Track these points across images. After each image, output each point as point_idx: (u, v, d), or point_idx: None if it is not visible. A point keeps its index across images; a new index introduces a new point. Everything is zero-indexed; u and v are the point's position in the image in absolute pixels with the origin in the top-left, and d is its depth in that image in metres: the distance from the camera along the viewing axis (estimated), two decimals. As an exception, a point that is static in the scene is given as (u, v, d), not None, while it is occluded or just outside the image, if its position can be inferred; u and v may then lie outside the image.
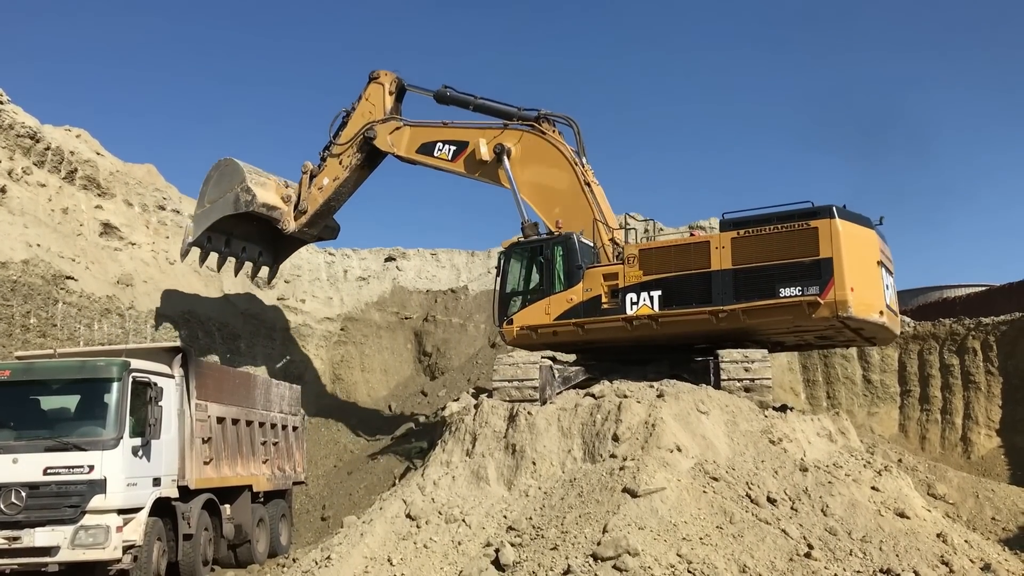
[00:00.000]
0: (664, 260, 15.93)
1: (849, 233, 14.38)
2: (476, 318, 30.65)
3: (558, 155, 18.66)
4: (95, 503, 11.61)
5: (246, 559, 15.59)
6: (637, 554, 10.13)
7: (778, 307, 14.59)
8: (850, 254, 14.26)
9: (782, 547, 10.67)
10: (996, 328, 24.22)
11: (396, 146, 21.68)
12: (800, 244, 14.51)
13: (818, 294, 14.17)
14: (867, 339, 16.53)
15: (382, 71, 22.36)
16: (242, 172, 23.24)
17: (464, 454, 13.77)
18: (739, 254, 15.06)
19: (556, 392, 15.87)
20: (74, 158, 25.35)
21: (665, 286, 15.70)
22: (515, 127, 19.48)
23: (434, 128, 21.12)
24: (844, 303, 14.03)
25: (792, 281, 14.47)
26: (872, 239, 14.84)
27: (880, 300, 14.68)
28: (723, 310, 14.95)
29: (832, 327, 14.93)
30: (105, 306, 23.29)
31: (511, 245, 18.07)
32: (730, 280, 15.05)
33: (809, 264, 14.36)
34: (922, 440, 24.43)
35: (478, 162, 19.69)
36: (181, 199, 29.23)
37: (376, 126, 21.94)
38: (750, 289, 14.88)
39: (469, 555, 11.48)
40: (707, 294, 15.21)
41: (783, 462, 13.07)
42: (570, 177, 18.25)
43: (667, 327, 15.61)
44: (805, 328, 15.16)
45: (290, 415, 18.39)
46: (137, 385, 12.41)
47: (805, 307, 14.26)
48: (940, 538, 12.20)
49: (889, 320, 15.03)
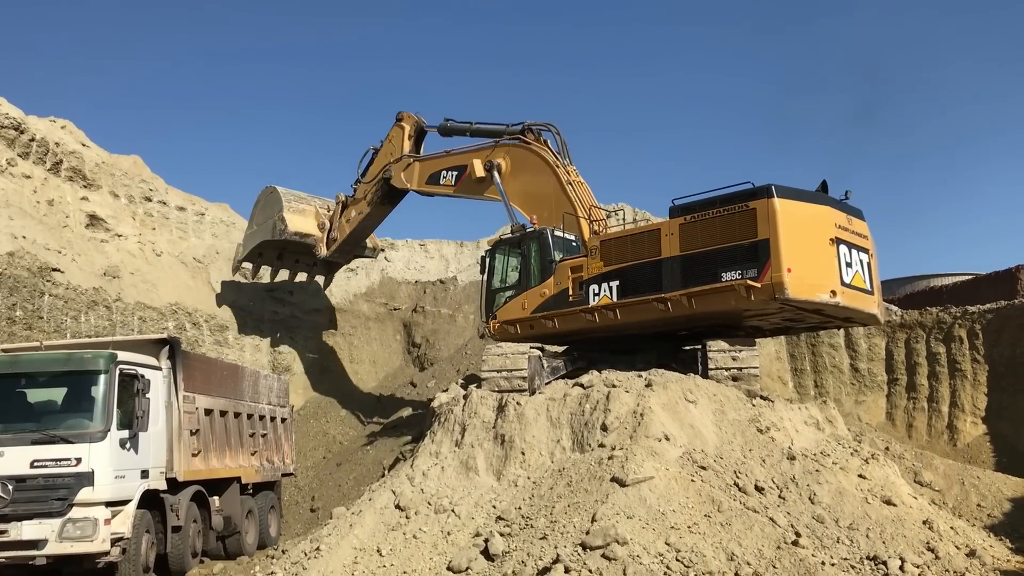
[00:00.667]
0: (621, 250, 15.97)
1: (789, 212, 13.97)
2: (465, 309, 30.63)
3: (541, 162, 19.08)
4: (83, 496, 11.55)
5: (235, 551, 15.56)
6: (626, 543, 10.16)
7: (719, 291, 14.33)
8: (790, 233, 13.85)
9: (770, 535, 10.72)
10: (982, 316, 24.34)
11: (409, 181, 22.74)
12: (740, 227, 14.26)
13: (756, 277, 13.85)
14: (844, 320, 16.17)
15: (406, 113, 23.42)
16: (280, 202, 25.61)
17: (453, 445, 13.78)
18: (686, 240, 14.93)
19: (545, 382, 15.96)
20: (59, 149, 25.18)
21: (622, 276, 15.76)
22: (504, 143, 20.08)
23: (438, 158, 22.09)
24: (780, 285, 13.63)
25: (733, 265, 14.21)
26: (823, 216, 14.39)
27: (831, 279, 14.17)
28: (666, 297, 14.89)
29: (784, 310, 14.57)
30: (92, 298, 23.17)
31: (495, 243, 18.85)
32: (678, 267, 14.95)
33: (748, 247, 14.09)
34: (909, 428, 24.55)
35: (476, 182, 20.41)
36: (167, 190, 29.09)
37: (391, 167, 23.21)
38: (696, 275, 14.69)
39: (458, 545, 11.51)
40: (658, 282, 15.15)
41: (771, 451, 13.14)
42: (554, 180, 18.56)
43: (625, 316, 15.62)
44: (758, 312, 14.81)
45: (278, 407, 18.35)
46: (124, 377, 12.34)
47: (744, 291, 13.94)
48: (926, 525, 12.30)
49: (849, 299, 14.46)
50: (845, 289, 14.32)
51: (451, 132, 22.08)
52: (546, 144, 19.42)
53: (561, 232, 17.55)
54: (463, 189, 21.03)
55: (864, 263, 14.89)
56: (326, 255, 25.99)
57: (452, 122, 22.02)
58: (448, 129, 22.15)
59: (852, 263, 14.58)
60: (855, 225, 14.92)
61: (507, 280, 18.29)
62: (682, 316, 15.02)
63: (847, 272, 14.43)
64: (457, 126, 21.87)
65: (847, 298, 14.37)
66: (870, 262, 15.07)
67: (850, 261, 14.55)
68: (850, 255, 14.58)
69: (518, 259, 18.09)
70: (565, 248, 17.36)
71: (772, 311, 14.64)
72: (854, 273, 14.60)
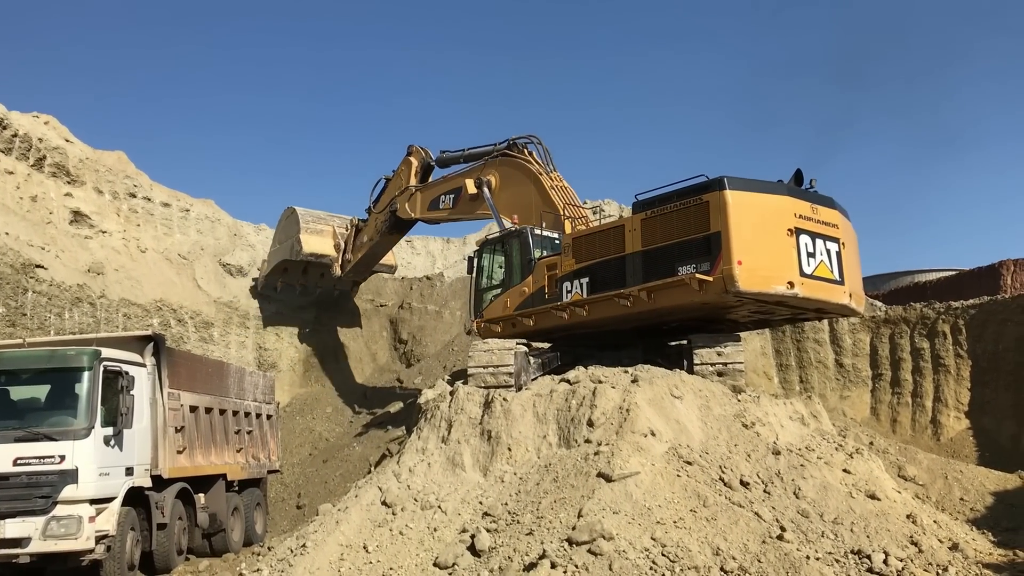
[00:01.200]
0: (590, 247, 16.07)
1: (742, 203, 13.88)
2: (452, 305, 30.62)
3: (526, 172, 19.69)
4: (67, 493, 11.49)
5: (221, 548, 15.53)
6: (612, 538, 10.19)
7: (673, 286, 14.34)
8: (742, 225, 13.77)
9: (755, 530, 10.77)
10: (965, 312, 24.49)
11: (412, 211, 23.69)
12: (695, 220, 14.22)
13: (708, 271, 13.82)
14: (816, 312, 16.06)
15: (415, 148, 24.38)
16: (298, 223, 27.23)
17: (440, 441, 13.77)
18: (647, 235, 14.96)
19: (531, 378, 16.02)
20: (43, 145, 25.02)
21: (591, 272, 15.85)
22: (491, 160, 20.85)
23: (436, 185, 23.11)
24: (731, 278, 13.57)
25: (689, 259, 14.19)
26: (781, 206, 14.23)
27: (788, 270, 14.02)
28: (626, 293, 14.91)
29: (744, 303, 14.49)
30: (76, 295, 23.04)
31: (481, 243, 19.33)
32: (640, 262, 14.97)
33: (702, 240, 14.06)
34: (893, 423, 24.68)
35: (469, 201, 21.23)
36: (152, 186, 28.95)
37: (396, 199, 24.19)
38: (656, 270, 14.69)
39: (445, 541, 11.50)
40: (622, 278, 15.19)
41: (756, 446, 13.18)
42: (539, 187, 19.09)
43: (592, 313, 15.72)
44: (720, 306, 14.71)
45: (264, 403, 18.31)
46: (108, 374, 12.28)
47: (696, 284, 13.91)
48: (910, 519, 12.38)
49: (811, 290, 14.27)
50: (806, 280, 14.14)
51: (448, 163, 23.07)
52: (531, 155, 20.06)
53: (541, 231, 17.79)
54: (460, 210, 21.83)
55: (832, 252, 14.68)
56: (340, 276, 27.32)
57: (447, 152, 23.09)
58: (445, 160, 23.21)
59: (816, 253, 14.38)
60: (821, 214, 14.69)
61: (493, 279, 18.58)
62: (645, 312, 15.04)
63: (809, 262, 14.24)
64: (452, 155, 22.86)
65: (808, 289, 14.19)
66: (840, 251, 14.84)
67: (813, 251, 14.34)
68: (813, 245, 14.38)
69: (502, 258, 18.35)
70: (549, 247, 17.49)
71: (732, 304, 14.59)
72: (818, 263, 14.39)
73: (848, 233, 15.32)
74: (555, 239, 17.61)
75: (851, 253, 15.26)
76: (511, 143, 20.50)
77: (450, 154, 22.92)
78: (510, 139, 20.56)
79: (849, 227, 15.49)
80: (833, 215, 14.92)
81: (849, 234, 15.37)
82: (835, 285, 14.75)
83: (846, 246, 15.03)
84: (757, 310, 15.33)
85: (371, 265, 27.56)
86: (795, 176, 14.78)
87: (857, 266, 15.79)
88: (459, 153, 22.55)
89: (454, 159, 22.76)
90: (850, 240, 15.35)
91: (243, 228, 31.60)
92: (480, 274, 18.81)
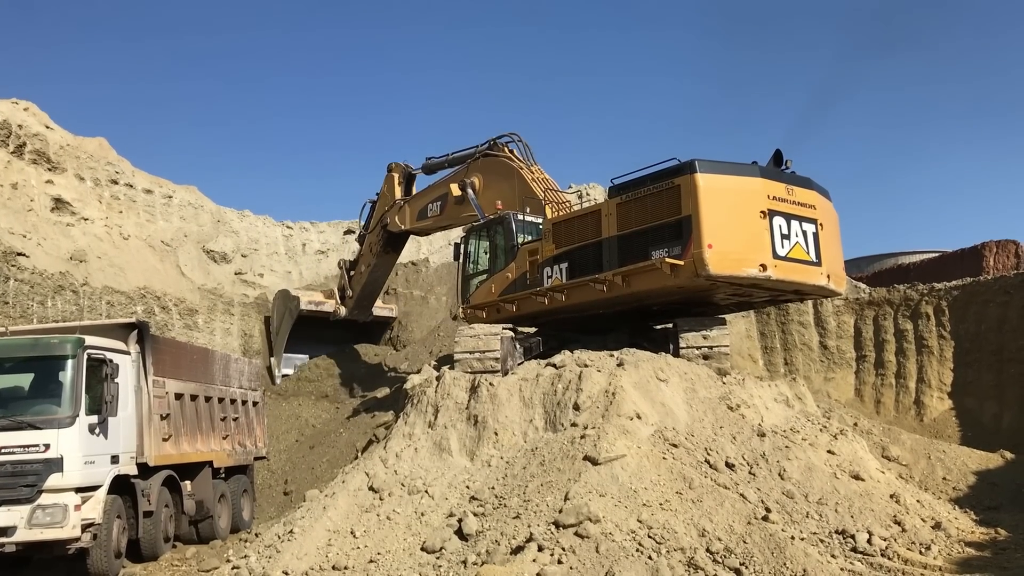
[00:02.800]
0: (569, 232, 16.09)
1: (713, 186, 13.83)
2: (437, 290, 30.55)
3: (507, 168, 19.76)
4: (52, 482, 11.44)
5: (208, 535, 15.51)
6: (598, 521, 10.23)
7: (646, 271, 14.35)
8: (713, 208, 13.72)
9: (740, 511, 10.84)
10: (948, 293, 24.66)
11: (403, 223, 23.59)
12: (667, 204, 14.20)
13: (679, 255, 13.79)
14: (794, 293, 16.03)
15: (394, 163, 24.54)
16: (287, 291, 27.30)
17: (426, 426, 13.78)
18: (623, 220, 14.95)
19: (517, 363, 16.07)
20: (22, 132, 24.75)
21: (570, 257, 15.88)
22: (473, 161, 20.88)
23: (422, 195, 23.14)
24: (702, 261, 13.55)
25: (661, 243, 14.17)
26: (753, 188, 14.14)
27: (760, 253, 13.93)
28: (602, 278, 14.94)
29: (717, 287, 14.47)
30: (58, 283, 22.87)
31: (468, 229, 19.34)
32: (616, 247, 14.97)
33: (673, 224, 14.04)
34: (877, 404, 24.88)
35: (455, 204, 21.21)
36: (134, 173, 28.70)
37: (386, 214, 24.16)
38: (631, 255, 14.68)
39: (432, 525, 11.53)
40: (599, 262, 15.19)
41: (741, 428, 13.26)
42: (520, 182, 19.15)
43: (571, 298, 15.77)
44: (694, 290, 14.68)
45: (250, 390, 18.27)
46: (92, 362, 12.21)
47: (668, 269, 13.91)
48: (893, 499, 12.51)
49: (784, 272, 14.19)
50: (779, 262, 14.08)
51: (433, 169, 23.06)
52: (512, 152, 20.15)
53: (524, 217, 17.87)
54: (448, 216, 21.90)
55: (809, 234, 14.58)
56: (344, 315, 26.39)
57: (432, 159, 23.03)
58: (430, 167, 23.18)
59: (791, 235, 14.30)
60: (797, 195, 14.57)
61: (479, 265, 18.65)
62: (622, 296, 15.06)
63: (783, 244, 14.17)
64: (437, 161, 22.82)
65: (781, 271, 14.14)
66: (817, 232, 14.72)
67: (787, 233, 14.26)
68: (788, 226, 14.28)
69: (487, 244, 18.41)
70: (533, 232, 17.53)
71: (706, 288, 14.56)
72: (793, 245, 14.30)
73: (827, 214, 15.23)
74: (539, 224, 17.62)
75: (830, 234, 15.19)
76: (492, 143, 20.60)
77: (435, 160, 22.93)
78: (491, 139, 20.69)
79: (829, 208, 15.42)
80: (810, 196, 14.80)
81: (828, 215, 15.29)
82: (811, 267, 14.65)
83: (824, 227, 14.94)
84: (735, 293, 15.33)
85: (374, 295, 26.86)
86: (774, 157, 14.74)
87: (837, 247, 15.73)
88: (444, 158, 22.56)
89: (439, 164, 22.77)
90: (829, 221, 15.27)
91: (227, 214, 31.39)
92: (466, 260, 18.87)
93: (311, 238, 32.85)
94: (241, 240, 30.67)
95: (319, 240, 32.89)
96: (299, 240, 32.57)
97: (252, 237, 31.10)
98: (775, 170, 14.64)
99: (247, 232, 30.99)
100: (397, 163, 24.57)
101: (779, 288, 15.05)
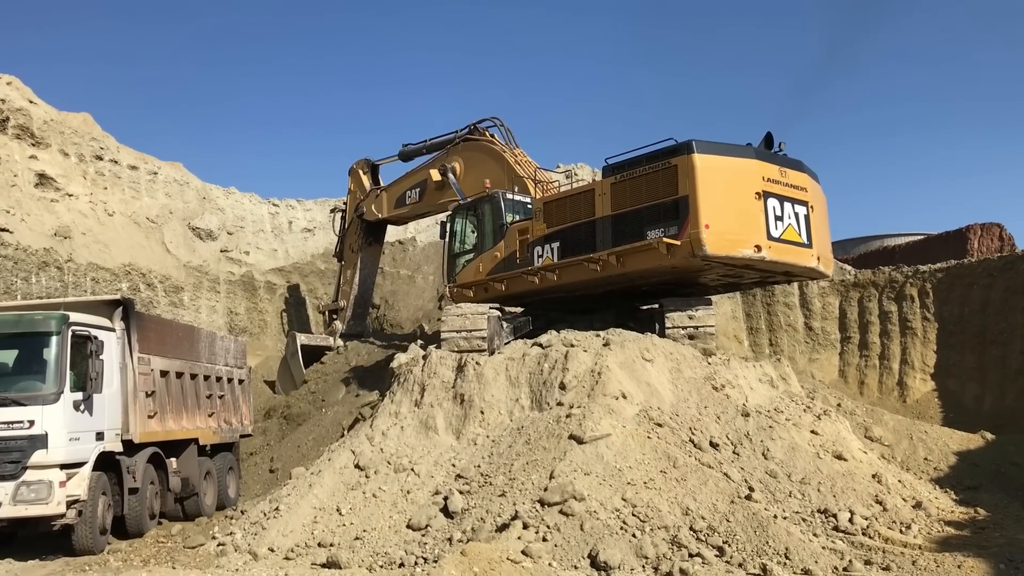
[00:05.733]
0: (561, 211, 16.08)
1: (710, 167, 13.85)
2: (424, 270, 30.53)
3: (489, 152, 19.89)
4: (36, 458, 11.39)
5: (194, 512, 15.51)
6: (583, 499, 10.30)
7: (642, 250, 14.36)
8: (710, 189, 13.74)
9: (724, 490, 10.93)
10: (933, 275, 24.80)
11: (379, 211, 23.69)
12: (664, 184, 14.21)
13: (676, 235, 13.82)
14: (784, 275, 16.17)
15: (355, 162, 24.91)
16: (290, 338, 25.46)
17: (413, 404, 13.81)
18: (617, 199, 14.96)
19: (504, 342, 16.06)
20: (5, 107, 24.52)
21: (562, 237, 15.88)
22: (454, 146, 20.97)
23: (400, 181, 23.16)
24: (699, 242, 13.59)
25: (657, 223, 14.19)
26: (749, 169, 14.18)
27: (755, 234, 13.99)
28: (596, 257, 14.96)
29: (711, 267, 14.49)
30: (43, 259, 22.74)
31: (454, 208, 19.26)
32: (610, 226, 14.98)
33: (670, 204, 14.06)
34: (860, 385, 25.04)
35: (436, 190, 21.30)
36: (119, 149, 28.49)
37: (362, 204, 24.16)
38: (625, 234, 14.69)
39: (418, 503, 11.58)
40: (592, 242, 15.20)
41: (725, 408, 13.34)
42: (503, 165, 19.30)
43: (563, 277, 15.78)
44: (689, 270, 14.70)
45: (236, 368, 18.21)
46: (77, 339, 12.13)
47: (665, 249, 13.93)
48: (875, 479, 12.63)
49: (778, 253, 14.27)
50: (773, 243, 14.15)
51: (410, 155, 23.03)
52: (493, 137, 20.21)
53: (513, 196, 17.83)
54: (427, 202, 21.91)
55: (801, 216, 14.66)
56: (344, 329, 25.13)
57: (409, 145, 22.98)
58: (407, 153, 23.13)
59: (784, 216, 14.37)
60: (790, 177, 14.63)
61: (466, 244, 18.57)
62: (615, 276, 15.08)
63: (776, 226, 14.23)
64: (414, 147, 22.79)
65: (775, 252, 14.22)
66: (808, 215, 14.79)
67: (781, 215, 14.33)
68: (781, 208, 14.36)
69: (475, 223, 18.33)
70: (521, 211, 17.50)
71: (700, 268, 14.58)
72: (786, 226, 14.38)
73: (817, 196, 15.31)
74: (527, 203, 17.59)
75: (820, 216, 15.28)
76: (472, 127, 20.56)
77: (412, 146, 22.83)
78: (471, 124, 20.64)
79: (818, 190, 15.49)
80: (802, 178, 14.88)
81: (818, 197, 15.37)
82: (803, 248, 14.76)
83: (815, 209, 15.02)
84: (726, 274, 15.36)
85: (367, 302, 25.81)
86: (765, 139, 14.76)
87: (826, 229, 15.83)
88: (421, 144, 22.48)
89: (416, 151, 22.66)
90: (819, 203, 15.36)
91: (212, 191, 31.21)
92: (453, 239, 18.78)
93: (297, 216, 32.73)
94: (227, 217, 30.55)
95: (305, 218, 32.76)
96: (285, 218, 32.45)
97: (238, 214, 30.97)
98: (769, 152, 14.65)
99: (233, 209, 30.86)
100: (356, 161, 24.88)
101: (771, 269, 15.13)
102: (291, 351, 24.50)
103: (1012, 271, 23.40)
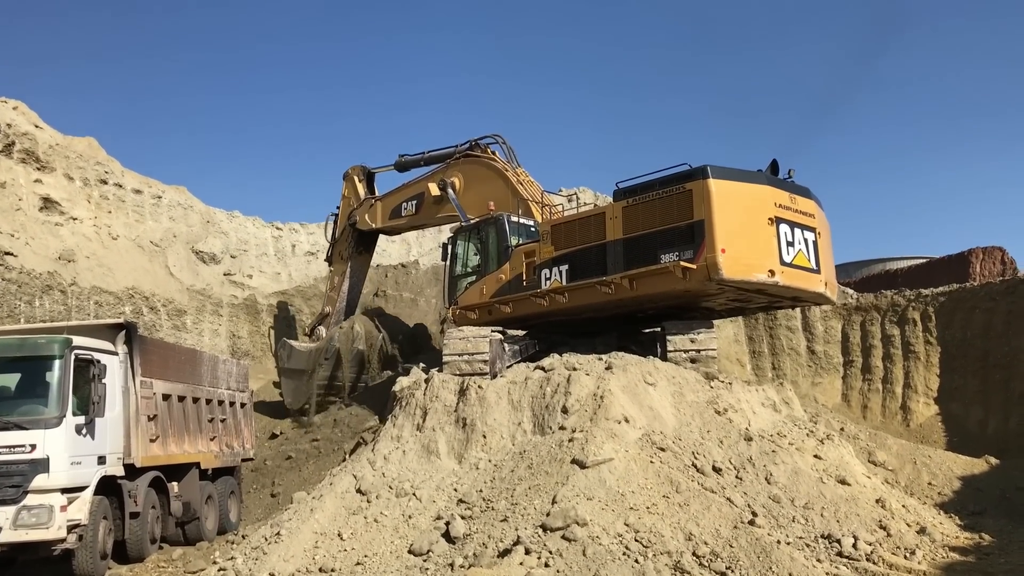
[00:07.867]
0: (570, 234, 16.11)
1: (725, 192, 13.98)
2: (427, 292, 30.58)
3: (491, 170, 19.83)
4: (38, 482, 11.37)
5: (195, 536, 15.46)
6: (585, 524, 10.24)
7: (657, 274, 14.42)
8: (725, 214, 13.86)
9: (727, 515, 10.87)
10: (935, 299, 24.81)
11: (373, 221, 23.43)
12: (678, 208, 14.29)
13: (692, 259, 13.90)
14: (792, 300, 16.23)
15: (350, 167, 24.48)
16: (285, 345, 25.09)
17: (415, 428, 13.77)
18: (629, 223, 15.01)
19: (506, 365, 16.04)
20: (11, 131, 24.67)
21: (571, 260, 15.90)
22: (454, 161, 20.84)
23: (396, 192, 22.90)
24: (715, 266, 13.68)
25: (672, 247, 14.27)
26: (762, 195, 14.36)
27: (769, 259, 14.16)
28: (609, 280, 14.98)
29: (725, 291, 14.54)
30: (46, 282, 22.79)
31: (456, 229, 19.30)
32: (621, 250, 15.03)
33: (685, 228, 14.13)
34: (864, 409, 24.99)
35: (433, 204, 21.12)
36: (123, 173, 28.63)
37: (355, 212, 23.84)
38: (638, 258, 14.75)
39: (420, 528, 11.52)
40: (603, 265, 15.25)
41: (728, 432, 13.29)
42: (504, 184, 19.25)
43: (573, 300, 15.77)
44: (702, 294, 14.76)
45: (238, 391, 18.21)
46: (80, 362, 12.15)
47: (680, 272, 14.00)
48: (879, 503, 12.56)
49: (790, 278, 14.43)
50: (785, 268, 14.31)
51: (407, 166, 22.86)
52: (495, 154, 20.13)
53: (517, 219, 17.82)
54: (423, 215, 21.77)
55: (810, 242, 14.86)
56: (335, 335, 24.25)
57: (406, 156, 22.81)
58: (403, 164, 22.96)
59: (795, 242, 14.55)
60: (799, 204, 14.85)
61: (468, 266, 18.57)
62: (627, 299, 15.11)
63: (788, 251, 14.41)
64: (411, 158, 22.63)
65: (787, 277, 14.37)
66: (816, 240, 15.00)
67: (792, 240, 14.50)
68: (792, 234, 14.53)
69: (478, 245, 18.26)
70: (525, 234, 17.54)
71: (713, 292, 14.66)
72: (796, 252, 14.57)
73: (823, 223, 15.50)
74: (531, 227, 17.64)
75: (826, 242, 15.46)
76: (473, 143, 20.51)
77: (410, 157, 22.72)
78: (472, 140, 20.57)
79: (823, 217, 15.68)
80: (809, 205, 15.09)
81: (824, 224, 15.56)
82: (812, 274, 14.93)
83: (821, 235, 15.22)
84: (735, 298, 15.44)
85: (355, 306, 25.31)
86: (771, 166, 14.89)
87: (831, 255, 15.99)
88: (419, 156, 22.37)
89: (414, 162, 22.54)
90: (824, 230, 15.54)
91: (216, 215, 31.34)
92: (454, 261, 18.80)
93: (300, 239, 32.83)
94: (230, 241, 30.64)
95: (308, 241, 32.85)
96: (288, 241, 32.55)
97: (241, 238, 31.07)
98: (779, 178, 14.83)
99: (236, 233, 30.96)
100: (352, 167, 24.47)
101: (782, 294, 15.26)
102: (286, 355, 24.37)
103: (1014, 295, 23.42)
